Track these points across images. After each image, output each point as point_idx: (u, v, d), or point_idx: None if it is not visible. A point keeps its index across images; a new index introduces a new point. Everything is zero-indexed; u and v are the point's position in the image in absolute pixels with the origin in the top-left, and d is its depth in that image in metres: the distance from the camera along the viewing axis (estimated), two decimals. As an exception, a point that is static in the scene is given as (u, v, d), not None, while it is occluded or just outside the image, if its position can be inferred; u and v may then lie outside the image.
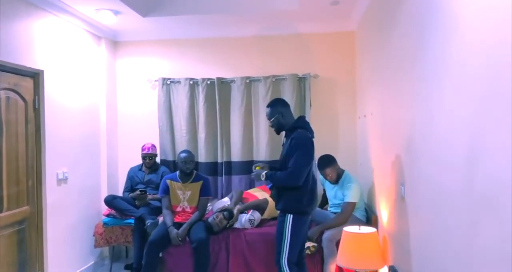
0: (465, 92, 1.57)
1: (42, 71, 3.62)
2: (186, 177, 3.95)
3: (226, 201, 4.19)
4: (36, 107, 3.58)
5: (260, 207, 3.99)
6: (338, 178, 3.72)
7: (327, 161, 3.72)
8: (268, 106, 3.23)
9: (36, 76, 3.58)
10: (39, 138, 3.60)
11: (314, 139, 3.11)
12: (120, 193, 4.65)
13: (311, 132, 3.15)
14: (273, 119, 3.14)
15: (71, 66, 4.09)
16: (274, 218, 4.01)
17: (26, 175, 3.47)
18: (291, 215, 2.97)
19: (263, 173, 3.03)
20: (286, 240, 2.96)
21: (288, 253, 2.96)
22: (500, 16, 1.29)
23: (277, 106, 3.17)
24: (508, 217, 1.23)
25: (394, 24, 2.74)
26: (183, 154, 3.96)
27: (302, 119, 3.22)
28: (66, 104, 4.00)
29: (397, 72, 2.68)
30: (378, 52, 3.34)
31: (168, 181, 3.97)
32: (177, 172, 4.01)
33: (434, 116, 1.93)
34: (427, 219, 2.09)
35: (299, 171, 2.91)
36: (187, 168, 3.90)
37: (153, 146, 4.55)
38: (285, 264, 2.95)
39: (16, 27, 3.34)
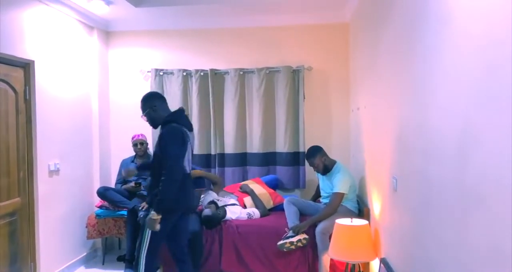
0: (459, 86, 1.57)
1: (33, 62, 3.57)
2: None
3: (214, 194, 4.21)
4: (27, 98, 3.54)
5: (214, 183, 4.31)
6: (328, 168, 3.73)
7: (310, 153, 3.74)
8: (141, 100, 3.09)
9: (26, 67, 3.54)
10: (30, 129, 3.56)
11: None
12: (112, 184, 4.63)
13: (188, 125, 3.03)
14: (144, 113, 3.01)
15: (62, 56, 4.04)
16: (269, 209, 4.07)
17: (17, 167, 3.44)
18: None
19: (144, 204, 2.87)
20: (147, 235, 2.85)
21: (148, 246, 2.87)
22: (494, 8, 1.28)
23: (149, 99, 3.03)
24: (498, 212, 1.24)
25: (388, 16, 2.73)
26: None
27: (177, 112, 3.06)
28: (57, 94, 3.96)
29: (390, 65, 2.68)
30: (371, 44, 3.33)
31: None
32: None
33: (427, 110, 1.93)
34: (418, 212, 2.10)
35: (175, 163, 2.78)
36: None
37: (143, 135, 4.54)
38: (143, 256, 2.88)
39: (7, 16, 3.28)
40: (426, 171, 1.98)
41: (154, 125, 3.07)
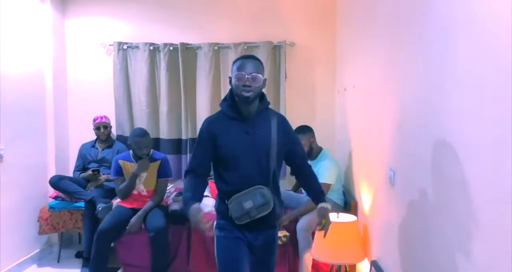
0: (486, 59, 1.15)
1: (-35, 29, 3.02)
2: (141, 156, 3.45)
3: None
4: (-43, 72, 2.99)
5: None
6: (314, 155, 3.37)
7: (301, 128, 3.35)
8: (257, 59, 2.20)
9: (-44, 34, 2.98)
10: (-37, 109, 3.03)
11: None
12: (71, 173, 4.14)
13: None
14: (263, 78, 2.15)
15: (7, 26, 3.47)
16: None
17: None
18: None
19: (326, 206, 2.15)
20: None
21: None
22: None
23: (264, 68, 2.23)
24: None
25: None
26: (137, 138, 3.37)
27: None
28: (2, 70, 3.41)
29: (389, 39, 2.26)
30: (364, 17, 2.90)
31: (120, 162, 3.45)
32: (131, 151, 3.50)
33: (443, 87, 1.51)
34: (422, 211, 1.76)
35: None
36: (143, 154, 3.38)
37: (106, 117, 4.06)
38: None
39: None
40: (438, 165, 1.58)
41: (253, 97, 2.14)
